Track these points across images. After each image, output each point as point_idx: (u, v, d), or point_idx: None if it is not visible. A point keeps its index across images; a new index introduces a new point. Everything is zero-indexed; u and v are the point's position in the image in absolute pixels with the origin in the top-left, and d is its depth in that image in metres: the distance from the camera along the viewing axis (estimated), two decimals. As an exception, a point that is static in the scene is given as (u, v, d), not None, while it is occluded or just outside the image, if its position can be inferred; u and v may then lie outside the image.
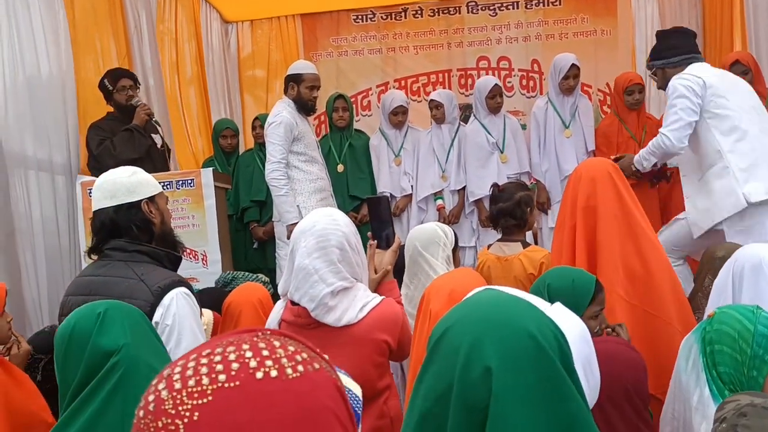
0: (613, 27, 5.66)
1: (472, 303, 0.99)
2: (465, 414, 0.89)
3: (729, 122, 3.06)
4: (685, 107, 3.03)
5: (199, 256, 3.52)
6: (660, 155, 3.15)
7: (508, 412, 0.86)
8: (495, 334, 0.90)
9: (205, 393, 0.59)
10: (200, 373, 0.60)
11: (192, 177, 3.58)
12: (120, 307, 1.60)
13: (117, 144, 3.73)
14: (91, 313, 1.55)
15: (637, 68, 5.39)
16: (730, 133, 3.05)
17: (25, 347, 2.41)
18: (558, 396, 0.88)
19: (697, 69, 3.16)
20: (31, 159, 3.57)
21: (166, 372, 0.63)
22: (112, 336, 1.51)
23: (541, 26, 5.76)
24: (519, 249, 2.79)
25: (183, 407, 0.59)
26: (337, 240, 1.87)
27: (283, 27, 5.95)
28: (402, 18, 5.85)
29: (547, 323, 0.93)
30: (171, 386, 0.60)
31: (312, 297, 1.84)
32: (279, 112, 3.86)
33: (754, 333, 1.46)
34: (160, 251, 2.05)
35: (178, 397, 0.60)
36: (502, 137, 4.52)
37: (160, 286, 1.90)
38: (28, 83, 3.59)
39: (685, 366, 1.62)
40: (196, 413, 0.59)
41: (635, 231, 2.26)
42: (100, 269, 2.02)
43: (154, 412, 0.60)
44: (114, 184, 2.02)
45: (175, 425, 0.59)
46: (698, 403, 1.56)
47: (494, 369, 0.87)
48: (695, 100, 3.03)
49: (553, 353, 0.89)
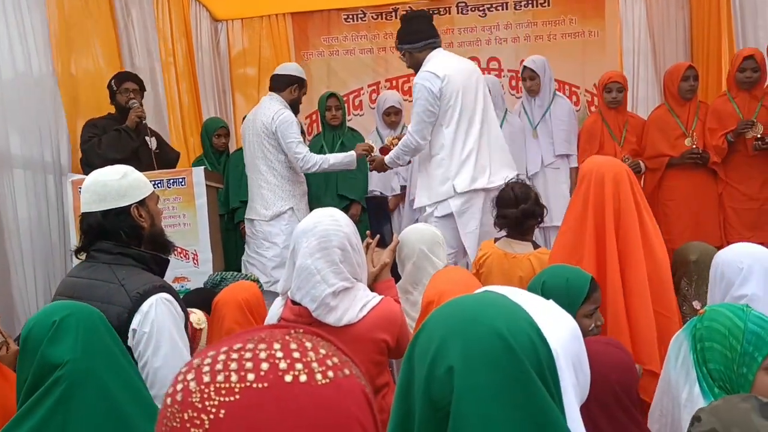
0: (601, 28, 5.71)
1: (452, 303, 0.99)
2: (430, 412, 0.89)
3: (455, 117, 3.37)
4: (424, 109, 3.36)
5: (189, 256, 3.51)
6: (410, 152, 3.51)
7: (468, 411, 0.86)
8: (461, 333, 0.90)
9: (233, 391, 0.59)
10: (229, 369, 0.60)
11: (183, 176, 3.57)
12: (80, 315, 1.55)
13: (104, 143, 3.72)
14: (47, 320, 1.52)
15: (624, 69, 5.44)
16: (453, 127, 3.37)
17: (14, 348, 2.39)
18: (524, 397, 0.86)
19: (436, 62, 3.44)
20: (19, 158, 3.55)
21: (195, 362, 0.62)
22: (61, 348, 1.47)
23: (530, 27, 5.80)
24: (530, 249, 2.78)
25: (210, 402, 0.59)
26: (339, 240, 1.89)
27: (273, 26, 5.95)
28: (392, 18, 5.85)
29: (522, 324, 0.92)
30: (200, 378, 0.60)
31: (314, 297, 1.86)
32: (284, 110, 3.89)
33: (744, 330, 1.47)
34: (146, 254, 2.03)
35: (205, 391, 0.59)
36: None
37: (139, 292, 1.87)
38: (15, 82, 3.56)
39: (675, 363, 1.63)
40: (222, 410, 0.58)
41: (648, 233, 2.27)
42: (83, 271, 2.01)
43: (181, 402, 0.60)
44: (104, 186, 1.99)
45: (200, 420, 0.59)
46: (687, 400, 1.56)
47: (457, 367, 0.87)
48: (432, 99, 3.34)
49: (522, 354, 0.88)
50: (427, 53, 3.47)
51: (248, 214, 4.02)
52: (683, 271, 2.66)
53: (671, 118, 4.30)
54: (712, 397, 1.48)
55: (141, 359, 1.88)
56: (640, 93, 5.46)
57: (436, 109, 3.35)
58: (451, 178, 3.34)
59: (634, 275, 2.18)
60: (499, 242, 2.86)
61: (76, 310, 1.56)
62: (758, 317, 1.50)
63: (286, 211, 3.90)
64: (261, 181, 3.91)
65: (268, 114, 3.87)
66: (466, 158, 3.36)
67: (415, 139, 3.38)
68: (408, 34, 3.52)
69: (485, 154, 3.41)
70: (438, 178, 3.40)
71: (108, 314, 1.87)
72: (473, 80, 3.46)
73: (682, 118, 4.28)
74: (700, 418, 1.17)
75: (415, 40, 3.49)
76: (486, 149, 3.41)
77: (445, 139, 3.37)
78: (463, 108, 3.37)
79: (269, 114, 3.87)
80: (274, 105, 3.92)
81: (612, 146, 4.38)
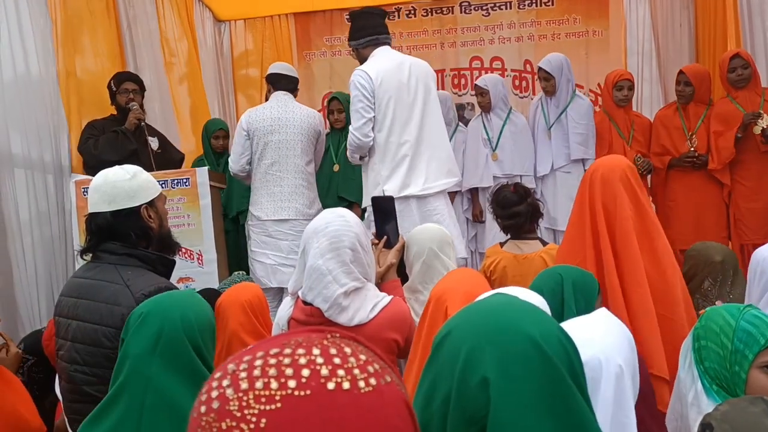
0: (605, 28, 5.69)
1: (476, 307, 0.96)
2: (464, 424, 0.86)
3: (387, 122, 3.28)
4: (361, 107, 3.27)
5: (194, 256, 3.50)
6: (356, 150, 3.36)
7: (506, 423, 0.82)
8: (494, 340, 0.86)
9: (273, 399, 0.56)
10: (268, 375, 0.57)
11: (187, 176, 3.55)
12: (165, 315, 1.49)
13: (100, 144, 3.71)
14: (136, 312, 1.53)
15: (629, 69, 5.41)
16: (386, 132, 3.28)
17: (14, 350, 2.38)
18: (562, 406, 0.83)
19: (373, 61, 3.33)
20: (21, 158, 3.53)
21: (230, 367, 0.59)
22: (135, 340, 1.46)
23: (533, 27, 5.79)
24: (538, 246, 2.77)
25: (249, 411, 0.55)
26: (350, 241, 1.89)
27: (276, 26, 5.95)
28: (395, 18, 5.84)
29: (553, 329, 0.89)
30: (237, 385, 0.57)
31: (326, 297, 1.86)
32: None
33: (735, 328, 1.46)
34: (152, 255, 2.02)
35: (244, 399, 0.56)
36: (497, 136, 4.48)
37: (145, 293, 1.86)
38: (16, 82, 3.55)
39: (683, 363, 1.64)
40: (263, 420, 0.55)
41: (650, 233, 2.23)
42: (89, 272, 2.00)
43: (218, 411, 0.56)
44: (114, 187, 1.98)
45: (240, 429, 0.55)
46: (693, 399, 1.56)
47: (492, 377, 0.83)
48: (367, 95, 3.24)
49: (558, 361, 0.85)
50: (370, 50, 3.40)
51: (278, 213, 3.80)
52: (707, 272, 2.65)
53: (677, 118, 4.29)
54: (713, 394, 1.48)
55: None
56: (644, 93, 5.45)
57: (373, 104, 3.26)
58: (381, 183, 3.25)
59: (632, 276, 2.15)
60: (506, 246, 2.84)
61: (160, 308, 1.52)
62: (755, 316, 1.49)
63: (321, 210, 3.90)
64: (302, 180, 3.83)
65: (312, 115, 3.92)
66: (398, 164, 3.26)
67: (356, 137, 3.27)
68: (353, 32, 3.49)
69: (423, 159, 3.29)
70: (371, 182, 3.35)
71: (113, 315, 1.86)
72: (413, 81, 3.33)
73: (687, 119, 4.26)
74: (711, 425, 1.14)
75: (358, 37, 3.44)
76: (424, 155, 3.29)
77: (377, 144, 3.29)
78: (396, 112, 3.27)
79: (313, 115, 3.92)
80: (305, 106, 3.97)
81: (621, 145, 4.35)
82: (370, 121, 3.27)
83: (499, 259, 2.78)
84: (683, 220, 4.21)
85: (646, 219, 2.24)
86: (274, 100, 3.94)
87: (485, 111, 4.50)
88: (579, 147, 4.28)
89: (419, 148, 3.28)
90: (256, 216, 3.84)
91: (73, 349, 1.92)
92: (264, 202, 3.82)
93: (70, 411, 1.97)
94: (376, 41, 3.40)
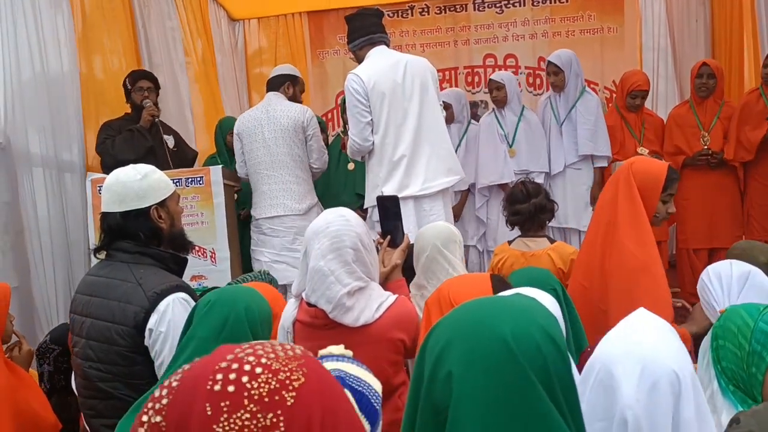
0: (620, 24, 5.65)
1: (465, 306, 0.98)
2: (431, 414, 0.89)
3: (382, 123, 3.25)
4: (357, 111, 3.25)
5: (207, 254, 3.52)
6: (356, 154, 3.37)
7: (464, 416, 0.85)
8: (464, 336, 0.89)
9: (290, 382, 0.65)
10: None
11: (201, 174, 3.57)
12: (232, 304, 1.66)
13: (117, 144, 3.73)
14: (204, 299, 1.70)
15: (644, 66, 5.38)
16: (381, 133, 3.26)
17: (26, 348, 2.41)
18: (523, 405, 0.84)
19: (366, 63, 3.32)
20: (39, 157, 3.57)
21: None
22: (203, 325, 1.62)
23: (547, 23, 5.76)
24: (546, 244, 2.77)
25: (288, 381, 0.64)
26: (351, 240, 1.87)
27: (290, 25, 5.97)
28: (409, 16, 5.84)
29: (531, 330, 0.89)
30: (241, 377, 0.66)
31: (329, 298, 1.84)
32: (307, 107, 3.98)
33: (753, 329, 1.44)
34: (165, 253, 2.04)
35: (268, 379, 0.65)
36: (513, 131, 4.47)
37: (156, 292, 1.88)
38: (34, 81, 3.58)
39: (701, 361, 1.62)
40: (294, 391, 0.63)
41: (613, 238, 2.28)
42: (102, 270, 2.02)
43: (233, 395, 0.64)
44: (124, 187, 2.00)
45: (273, 413, 0.63)
46: (709, 398, 1.54)
47: (456, 371, 0.86)
48: (362, 99, 3.23)
49: (525, 360, 0.86)
50: (366, 51, 3.37)
51: (269, 211, 3.88)
52: None
53: (692, 116, 4.25)
54: (729, 394, 1.47)
55: (157, 359, 1.88)
56: (660, 90, 5.40)
57: (368, 107, 3.24)
58: (379, 184, 3.25)
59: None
60: (514, 243, 2.85)
61: (228, 298, 1.69)
62: None
63: (316, 204, 3.92)
64: (288, 176, 3.85)
65: (295, 110, 3.88)
66: (395, 165, 3.24)
67: (356, 141, 3.27)
68: (348, 34, 3.48)
69: (422, 159, 3.27)
70: (370, 183, 3.35)
71: (125, 313, 1.88)
72: (408, 80, 3.28)
73: (702, 116, 4.22)
74: (739, 420, 1.16)
75: (353, 39, 3.43)
76: (423, 154, 3.27)
77: (374, 146, 3.28)
78: (391, 113, 3.24)
79: (296, 110, 3.88)
80: (290, 103, 3.94)
81: (633, 144, 4.34)
82: (368, 124, 3.26)
83: (506, 257, 2.79)
84: (697, 219, 4.18)
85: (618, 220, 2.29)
86: (261, 101, 4.01)
87: (500, 106, 4.48)
88: (587, 142, 4.25)
89: (417, 147, 3.26)
90: (253, 215, 3.93)
91: (87, 346, 1.95)
92: (257, 202, 3.90)
93: (85, 407, 2.00)
94: (370, 41, 3.37)
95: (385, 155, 3.25)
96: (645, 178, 2.27)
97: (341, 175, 4.35)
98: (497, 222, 4.37)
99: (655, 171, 2.28)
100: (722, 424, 1.42)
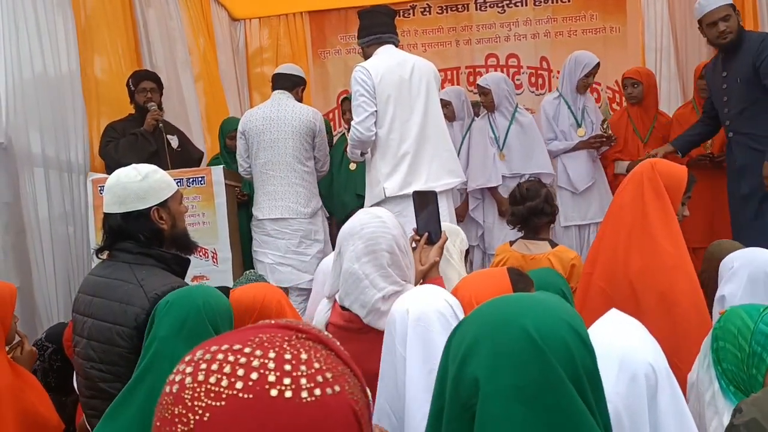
0: (622, 24, 5.64)
1: (490, 302, 0.97)
2: (459, 411, 0.88)
3: (387, 118, 3.25)
4: (363, 101, 3.24)
5: (209, 254, 3.52)
6: (358, 145, 3.31)
7: (493, 413, 0.84)
8: (491, 333, 0.88)
9: (221, 396, 0.58)
10: (223, 372, 0.60)
11: (203, 175, 3.57)
12: (190, 302, 1.67)
13: (120, 148, 3.72)
14: (164, 300, 1.71)
15: (646, 66, 5.36)
16: (386, 127, 3.25)
17: (28, 349, 2.40)
18: (553, 401, 0.83)
19: (374, 59, 3.33)
20: (41, 157, 3.57)
21: (198, 354, 0.62)
22: (163, 324, 1.63)
23: (549, 23, 5.75)
24: (547, 248, 2.74)
25: (198, 403, 0.59)
26: (387, 243, 1.81)
27: (291, 24, 5.97)
28: (410, 15, 5.84)
29: (557, 326, 0.88)
30: (195, 375, 0.60)
31: (363, 303, 1.78)
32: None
33: (753, 331, 1.45)
34: (167, 254, 2.03)
35: (197, 390, 0.59)
36: (504, 135, 4.41)
37: (157, 293, 1.87)
38: (36, 81, 3.58)
39: (702, 362, 1.62)
40: (207, 414, 0.58)
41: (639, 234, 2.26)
42: (105, 270, 2.02)
43: (175, 395, 0.60)
44: (124, 189, 1.99)
45: (187, 418, 0.58)
46: (711, 399, 1.55)
47: (483, 367, 0.86)
48: (368, 89, 3.22)
49: (553, 356, 0.84)
50: (374, 49, 3.39)
51: (273, 212, 3.82)
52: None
53: (695, 117, 4.23)
54: (730, 395, 1.47)
55: None
56: (663, 90, 5.37)
57: (374, 99, 3.24)
58: (382, 181, 3.24)
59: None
60: (515, 245, 2.84)
61: (185, 297, 1.71)
62: None
63: (321, 208, 3.92)
64: (296, 178, 3.82)
65: (307, 113, 3.86)
66: (399, 161, 3.24)
67: (358, 131, 3.23)
68: (359, 30, 3.49)
69: (425, 158, 3.26)
70: (373, 179, 3.33)
71: (126, 315, 1.88)
72: (415, 79, 3.30)
73: None
74: (741, 409, 1.17)
75: (362, 36, 3.44)
76: (426, 153, 3.27)
77: (379, 141, 3.27)
78: (397, 108, 3.25)
79: (308, 113, 3.86)
80: (301, 104, 3.93)
81: (635, 143, 4.31)
82: (372, 115, 3.24)
83: (507, 258, 2.78)
84: (696, 220, 4.15)
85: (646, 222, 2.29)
86: (269, 100, 3.97)
87: (489, 110, 4.45)
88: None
89: (421, 146, 3.26)
90: (255, 215, 3.88)
91: (88, 347, 1.94)
92: (261, 202, 3.85)
93: (87, 407, 2.00)
94: (379, 40, 3.39)
95: (389, 150, 3.24)
96: (671, 180, 2.27)
97: (343, 176, 4.35)
98: (492, 224, 4.34)
99: (678, 173, 2.29)
100: (724, 424, 1.42)
